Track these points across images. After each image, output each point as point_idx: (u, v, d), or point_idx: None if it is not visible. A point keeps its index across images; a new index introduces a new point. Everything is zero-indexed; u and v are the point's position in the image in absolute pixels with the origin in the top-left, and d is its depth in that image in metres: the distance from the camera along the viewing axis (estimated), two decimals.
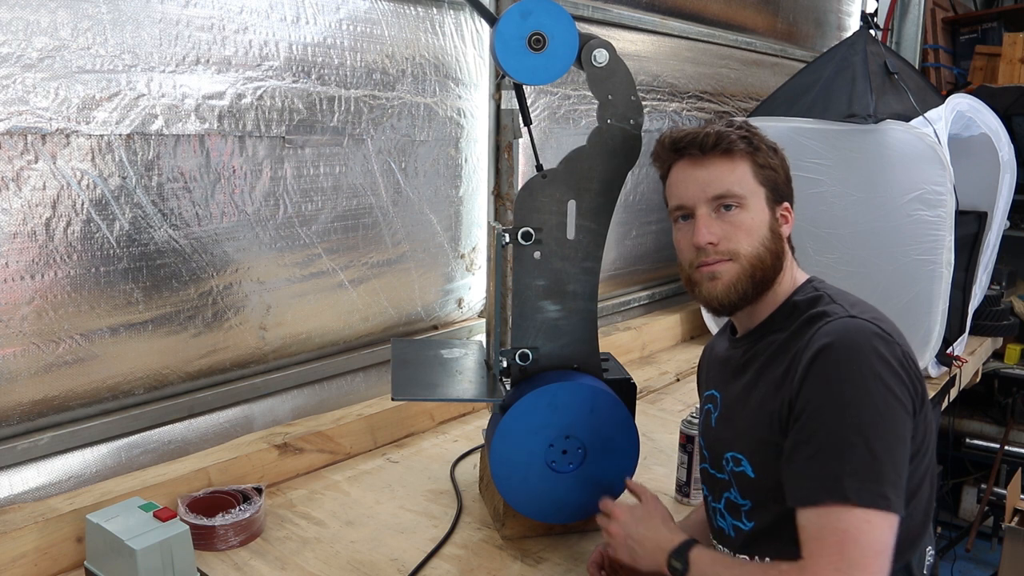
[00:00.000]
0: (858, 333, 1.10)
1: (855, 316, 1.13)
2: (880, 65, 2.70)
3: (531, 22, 1.39)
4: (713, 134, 1.22)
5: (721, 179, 1.21)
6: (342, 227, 2.01)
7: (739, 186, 1.21)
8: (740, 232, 1.20)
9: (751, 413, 1.21)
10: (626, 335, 2.80)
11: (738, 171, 1.21)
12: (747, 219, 1.20)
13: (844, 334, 1.10)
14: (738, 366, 1.28)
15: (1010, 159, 2.92)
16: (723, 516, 1.28)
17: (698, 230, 1.21)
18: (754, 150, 1.22)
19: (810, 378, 1.09)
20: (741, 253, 1.20)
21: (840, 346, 1.09)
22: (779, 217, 1.24)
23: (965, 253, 2.69)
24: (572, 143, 1.50)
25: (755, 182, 1.22)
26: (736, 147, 1.21)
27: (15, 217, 1.48)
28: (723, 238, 1.20)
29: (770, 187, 1.23)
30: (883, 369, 1.06)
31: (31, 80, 1.46)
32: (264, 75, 1.80)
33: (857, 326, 1.11)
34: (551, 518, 1.56)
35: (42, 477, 1.58)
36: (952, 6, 4.73)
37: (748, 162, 1.22)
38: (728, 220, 1.21)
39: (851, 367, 1.07)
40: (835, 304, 1.18)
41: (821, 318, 1.15)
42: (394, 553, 1.54)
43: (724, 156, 1.22)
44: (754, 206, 1.21)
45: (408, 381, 1.62)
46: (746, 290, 1.21)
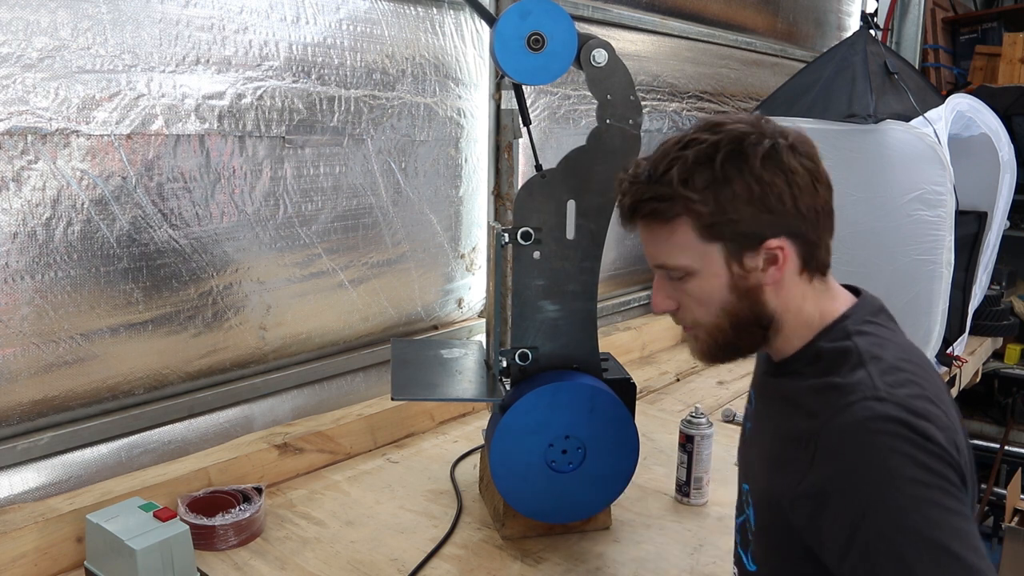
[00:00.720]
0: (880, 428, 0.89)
1: (881, 397, 0.91)
2: (880, 65, 2.70)
3: (530, 22, 1.39)
4: (628, 202, 1.03)
5: (654, 249, 1.04)
6: (342, 227, 2.01)
7: (678, 256, 1.01)
8: (692, 301, 1.04)
9: (763, 461, 1.08)
10: (626, 335, 2.80)
11: (676, 235, 1.00)
12: (695, 288, 1.03)
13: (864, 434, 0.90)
14: (766, 389, 1.15)
15: (1010, 159, 2.92)
16: (738, 532, 1.19)
17: (652, 298, 1.09)
18: (688, 208, 0.98)
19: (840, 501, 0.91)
20: (700, 322, 1.06)
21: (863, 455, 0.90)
22: (751, 268, 1.00)
23: (965, 253, 2.69)
24: (572, 143, 1.50)
25: (702, 242, 1.00)
26: (661, 214, 1.00)
27: (15, 217, 1.48)
28: (681, 306, 1.06)
29: (729, 237, 0.99)
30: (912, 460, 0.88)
31: (31, 80, 1.46)
32: (264, 75, 1.80)
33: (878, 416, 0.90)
34: (551, 518, 1.56)
35: (42, 477, 1.58)
36: (952, 6, 4.73)
37: (687, 223, 0.99)
38: (680, 288, 1.04)
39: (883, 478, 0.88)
40: (863, 370, 0.96)
41: (838, 394, 0.95)
42: (394, 553, 1.54)
43: (654, 221, 1.02)
44: (705, 270, 1.01)
45: (408, 381, 1.62)
46: (718, 355, 1.08)
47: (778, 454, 1.02)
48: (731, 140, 0.98)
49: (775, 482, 1.01)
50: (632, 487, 1.60)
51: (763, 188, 0.97)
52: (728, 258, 1.00)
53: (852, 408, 0.92)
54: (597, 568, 1.50)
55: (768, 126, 1.01)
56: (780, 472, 1.01)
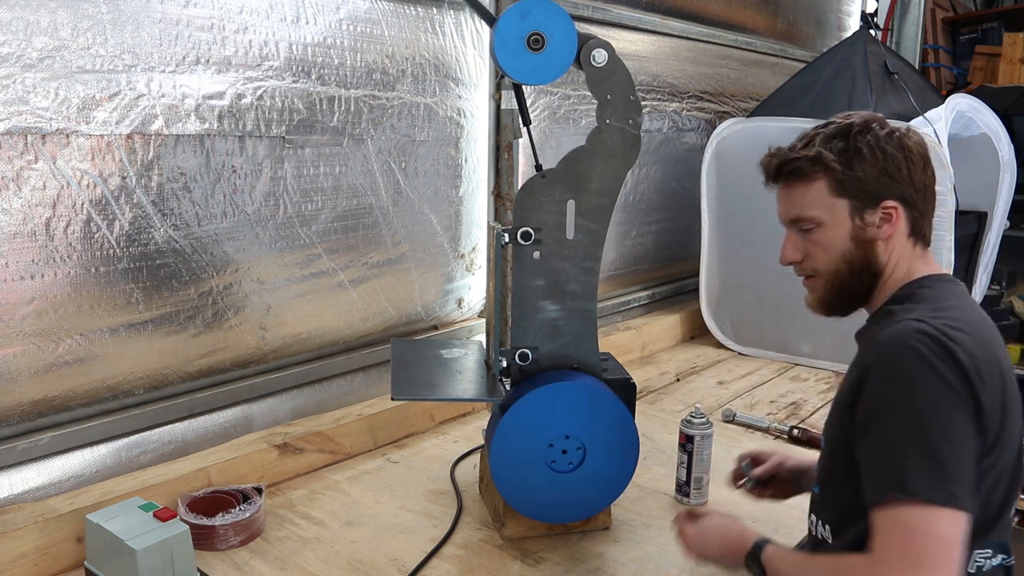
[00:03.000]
0: (903, 335, 1.10)
1: (920, 318, 1.12)
2: (880, 65, 2.70)
3: (530, 22, 1.39)
4: (776, 163, 1.27)
5: (793, 203, 1.27)
6: (342, 227, 2.01)
7: (811, 208, 1.24)
8: (817, 250, 1.26)
9: (834, 401, 1.25)
10: (626, 335, 2.80)
11: (812, 191, 1.24)
12: (822, 237, 1.25)
13: (889, 339, 1.11)
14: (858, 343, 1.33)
15: (1010, 159, 2.92)
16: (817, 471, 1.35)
17: (782, 250, 1.30)
18: (826, 167, 1.22)
19: (864, 387, 1.12)
20: (820, 270, 1.27)
21: (884, 350, 1.11)
22: (870, 222, 1.23)
23: (965, 253, 2.69)
24: (572, 143, 1.50)
25: (833, 196, 1.23)
26: (805, 169, 1.24)
27: (15, 217, 1.48)
28: (805, 256, 1.28)
29: (855, 194, 1.22)
30: (927, 368, 1.06)
31: (31, 80, 1.46)
32: (264, 75, 1.80)
33: (907, 329, 1.11)
34: (551, 518, 1.56)
35: (42, 477, 1.58)
36: (952, 6, 4.73)
37: (823, 179, 1.23)
38: (808, 239, 1.26)
39: (894, 370, 1.09)
40: (917, 306, 1.18)
41: (889, 319, 1.17)
42: (394, 553, 1.54)
43: (797, 179, 1.25)
44: (832, 222, 1.24)
45: (408, 381, 1.62)
46: (832, 302, 1.28)
47: (845, 390, 1.19)
48: (862, 122, 1.24)
49: (840, 405, 1.19)
50: (632, 487, 1.60)
51: (885, 157, 1.22)
52: (852, 212, 1.23)
53: (896, 325, 1.13)
54: (597, 568, 1.50)
55: (891, 121, 1.26)
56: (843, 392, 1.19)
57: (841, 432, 1.18)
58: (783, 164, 1.26)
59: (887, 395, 1.09)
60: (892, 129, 1.23)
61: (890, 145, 1.22)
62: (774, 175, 1.28)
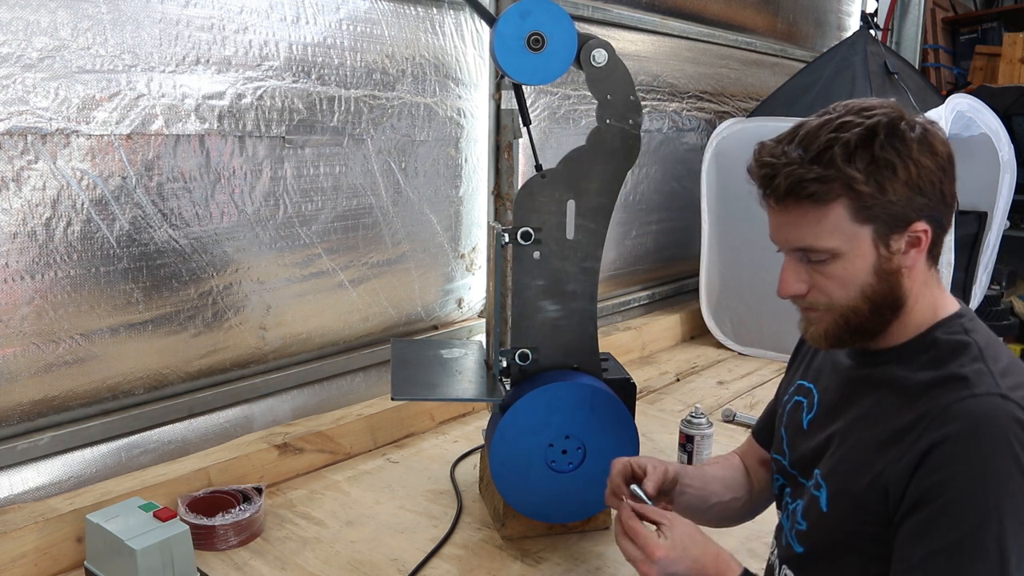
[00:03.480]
0: (994, 418, 0.93)
1: (1005, 395, 0.94)
2: (880, 65, 2.70)
3: (530, 22, 1.39)
4: (784, 181, 0.99)
5: (801, 232, 1.02)
6: (342, 227, 2.01)
7: (827, 238, 1.00)
8: (831, 284, 1.03)
9: (850, 450, 1.07)
10: (626, 335, 2.80)
11: (829, 218, 0.99)
12: (840, 270, 1.02)
13: (984, 423, 0.93)
14: (848, 381, 1.13)
15: (1010, 159, 2.92)
16: (788, 518, 1.19)
17: (781, 280, 1.06)
18: (850, 188, 0.97)
19: (938, 462, 0.94)
20: (834, 304, 1.04)
21: (969, 433, 0.93)
22: (895, 250, 1.01)
23: (965, 253, 2.69)
24: (572, 143, 1.50)
25: (854, 224, 0.99)
26: (820, 196, 0.98)
27: (15, 217, 1.48)
28: (813, 288, 1.04)
29: (881, 220, 0.99)
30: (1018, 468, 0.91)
31: (31, 80, 1.46)
32: (264, 75, 1.80)
33: (1003, 413, 0.93)
34: (551, 518, 1.56)
35: (42, 477, 1.58)
36: (952, 6, 4.73)
37: (843, 205, 0.98)
38: (818, 270, 1.03)
39: (981, 462, 0.92)
40: (983, 366, 0.98)
41: (962, 385, 0.97)
42: (394, 553, 1.54)
43: (808, 203, 0.99)
44: (852, 252, 1.01)
45: (408, 381, 1.62)
46: (843, 338, 1.07)
47: (876, 440, 1.02)
48: (887, 125, 0.98)
49: (869, 466, 1.02)
50: None
51: (919, 170, 0.98)
52: (876, 240, 1.00)
53: (978, 399, 0.95)
54: (597, 568, 1.50)
55: (908, 113, 1.02)
56: (876, 457, 1.01)
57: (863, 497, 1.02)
58: (795, 185, 0.99)
59: (968, 488, 0.91)
60: (922, 130, 1.00)
61: (923, 154, 0.98)
62: (781, 196, 1.01)
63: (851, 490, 1.04)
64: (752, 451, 1.38)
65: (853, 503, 1.04)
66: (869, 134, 0.98)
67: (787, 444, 1.22)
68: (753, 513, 1.37)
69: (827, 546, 1.10)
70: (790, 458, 1.21)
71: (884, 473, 0.99)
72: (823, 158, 0.98)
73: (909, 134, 0.98)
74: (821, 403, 1.17)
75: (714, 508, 1.31)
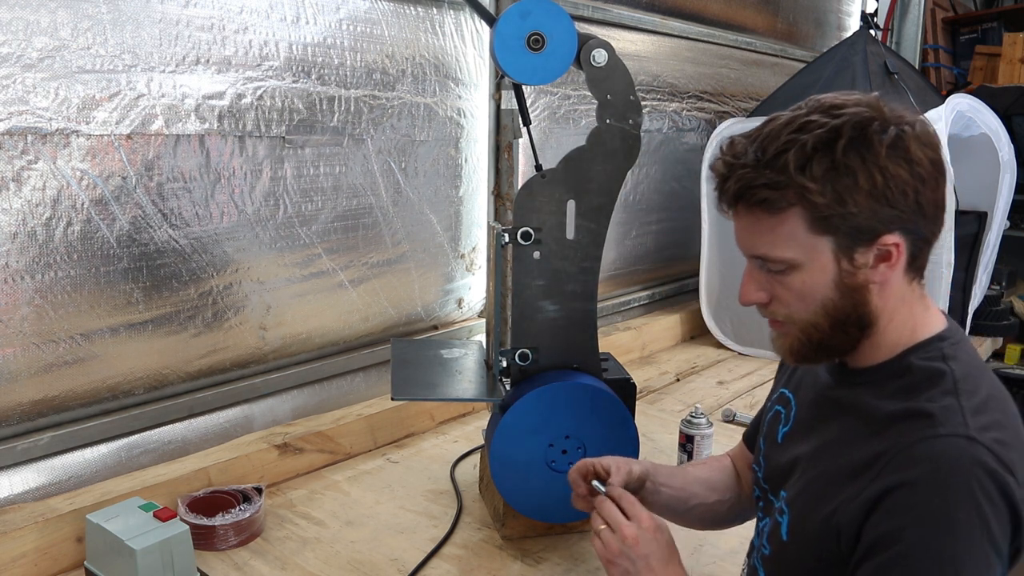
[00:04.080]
0: (966, 470, 0.86)
1: (972, 437, 0.87)
2: (880, 65, 2.70)
3: (530, 22, 1.39)
4: (735, 185, 0.94)
5: (756, 240, 0.96)
6: (342, 227, 2.01)
7: (783, 248, 0.94)
8: (790, 295, 0.97)
9: (812, 478, 1.02)
10: (626, 335, 2.80)
11: (784, 227, 0.92)
12: (797, 282, 0.95)
13: (946, 469, 0.86)
14: (822, 398, 1.08)
15: (1010, 159, 2.92)
16: (758, 536, 1.15)
17: (742, 287, 1.01)
18: (803, 197, 0.90)
19: (894, 508, 0.88)
20: (794, 319, 0.98)
21: (928, 476, 0.86)
22: (861, 264, 0.93)
23: (965, 253, 2.69)
24: (572, 143, 1.50)
25: (811, 234, 0.92)
26: (771, 203, 0.91)
27: (15, 217, 1.48)
28: (773, 298, 0.99)
29: (842, 232, 0.91)
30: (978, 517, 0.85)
31: (31, 80, 1.46)
32: (264, 75, 1.80)
33: (968, 458, 0.86)
34: (551, 518, 1.56)
35: (42, 477, 1.58)
36: (952, 6, 4.73)
37: (798, 215, 0.91)
38: (778, 280, 0.97)
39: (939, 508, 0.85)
40: (955, 400, 0.90)
41: (927, 423, 0.89)
42: (394, 553, 1.54)
43: (760, 210, 0.93)
44: (810, 264, 0.94)
45: (408, 381, 1.62)
46: (808, 355, 1.01)
47: (837, 473, 0.97)
48: (854, 126, 0.90)
49: (827, 500, 0.96)
50: None
51: (886, 180, 0.89)
52: (838, 252, 0.93)
53: (943, 440, 0.88)
54: (597, 568, 1.50)
55: (890, 111, 0.93)
56: (835, 492, 0.96)
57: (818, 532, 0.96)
58: (744, 191, 0.93)
59: (923, 539, 0.85)
60: (896, 133, 0.90)
61: (893, 160, 0.89)
62: (731, 202, 0.96)
63: (808, 524, 0.99)
64: (742, 454, 1.35)
65: (808, 538, 0.99)
66: (831, 137, 0.90)
67: (763, 455, 1.18)
68: (742, 517, 1.34)
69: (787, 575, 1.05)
70: (764, 471, 1.17)
71: (838, 511, 0.93)
72: (777, 163, 0.91)
73: (878, 138, 0.89)
74: (797, 417, 1.12)
75: (695, 510, 1.27)
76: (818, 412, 1.08)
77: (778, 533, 1.05)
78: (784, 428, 1.14)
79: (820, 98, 0.95)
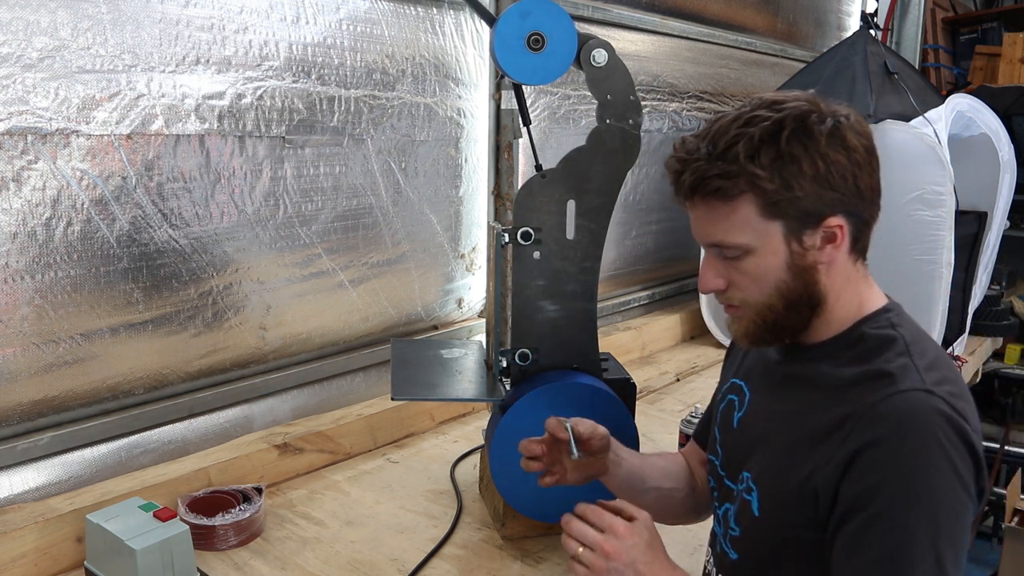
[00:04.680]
0: (919, 415, 0.92)
1: (930, 390, 0.94)
2: (880, 65, 2.70)
3: (530, 22, 1.39)
4: (690, 180, 1.00)
5: (711, 228, 1.02)
6: (342, 227, 2.01)
7: (737, 234, 1.00)
8: (746, 280, 1.03)
9: (779, 450, 1.06)
10: (626, 335, 2.80)
11: (738, 214, 0.99)
12: (752, 266, 1.01)
13: (909, 421, 0.92)
14: (777, 377, 1.12)
15: (1010, 159, 2.92)
16: (719, 524, 1.19)
17: (700, 276, 1.07)
18: (754, 184, 0.97)
19: (867, 467, 0.93)
20: (749, 302, 1.04)
21: (895, 431, 0.92)
22: (809, 246, 1.00)
23: (965, 253, 2.69)
24: (572, 143, 1.49)
25: (763, 219, 0.99)
26: (724, 191, 0.98)
27: (15, 217, 1.48)
28: (730, 284, 1.04)
29: (790, 216, 0.99)
30: (946, 463, 0.91)
31: (31, 80, 1.46)
32: (264, 75, 1.80)
33: (927, 408, 0.93)
34: (551, 518, 1.56)
35: (42, 477, 1.58)
36: (952, 6, 4.73)
37: (752, 197, 0.98)
38: (734, 267, 1.03)
39: (910, 460, 0.91)
40: (908, 360, 0.98)
41: (887, 382, 0.96)
42: (394, 553, 1.54)
43: (714, 199, 1.00)
44: (763, 248, 1.00)
45: (408, 381, 1.62)
46: (763, 336, 1.06)
47: (804, 439, 1.01)
48: (795, 118, 0.98)
49: (798, 467, 1.00)
50: None
51: (827, 165, 0.97)
52: (788, 236, 1.00)
53: (903, 395, 0.94)
54: None
55: (826, 104, 1.01)
56: (805, 457, 1.00)
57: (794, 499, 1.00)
58: (699, 182, 1.00)
59: (899, 490, 0.91)
60: (833, 123, 0.98)
61: (832, 147, 0.97)
62: (688, 194, 1.02)
63: (782, 493, 1.02)
64: (693, 452, 1.39)
65: (784, 506, 1.02)
66: (776, 128, 0.97)
67: (720, 444, 1.21)
68: (696, 512, 1.36)
69: (762, 551, 1.08)
70: (722, 459, 1.20)
71: (813, 475, 0.98)
72: (728, 155, 0.98)
73: (818, 128, 0.97)
74: (752, 401, 1.16)
75: (651, 492, 1.30)
76: (772, 390, 1.13)
77: (748, 511, 1.08)
78: (739, 414, 1.18)
79: (762, 96, 1.04)
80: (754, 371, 1.20)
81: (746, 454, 1.12)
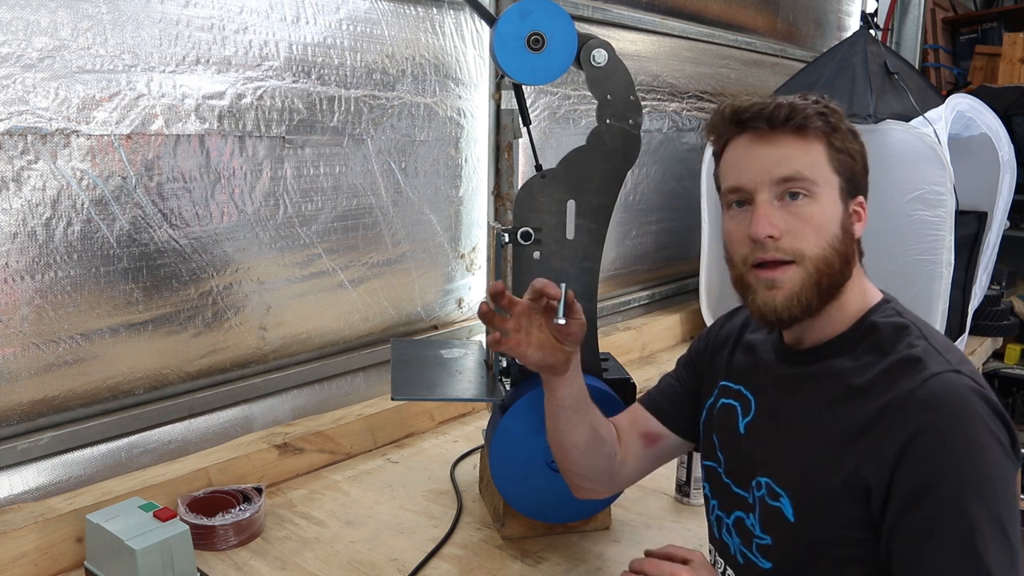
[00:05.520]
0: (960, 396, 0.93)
1: (958, 370, 0.95)
2: (880, 65, 2.70)
3: (530, 22, 1.39)
4: (786, 106, 1.02)
5: (791, 159, 1.01)
6: (342, 227, 2.01)
7: (811, 170, 1.01)
8: (807, 227, 1.00)
9: (809, 451, 1.03)
10: (626, 335, 2.80)
11: (812, 153, 1.01)
12: (816, 212, 1.00)
13: (953, 403, 0.93)
14: (788, 381, 1.10)
15: (1010, 159, 2.92)
16: (730, 534, 1.16)
17: (757, 219, 1.01)
18: (832, 130, 1.02)
19: (920, 456, 0.92)
20: (807, 254, 1.00)
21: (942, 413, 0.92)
22: (852, 213, 1.04)
23: (965, 253, 2.69)
24: (572, 143, 1.49)
25: (829, 169, 1.02)
26: (812, 124, 1.01)
27: (15, 217, 1.48)
28: (786, 232, 1.00)
29: (846, 176, 1.03)
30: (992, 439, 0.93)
31: (31, 80, 1.46)
32: (264, 75, 1.80)
33: (964, 388, 0.94)
34: (551, 518, 1.56)
35: (42, 477, 1.58)
36: (952, 6, 4.73)
37: (823, 144, 1.02)
38: (793, 211, 1.01)
39: (971, 445, 0.92)
40: (928, 344, 0.99)
41: (917, 367, 0.96)
42: (394, 553, 1.54)
43: (796, 134, 1.02)
44: (826, 197, 1.01)
45: (408, 381, 1.62)
46: (810, 301, 1.02)
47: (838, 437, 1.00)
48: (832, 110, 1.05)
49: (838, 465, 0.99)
50: (632, 487, 1.59)
51: (861, 149, 1.06)
52: (844, 194, 1.04)
53: (938, 378, 0.95)
54: (597, 568, 1.50)
55: None
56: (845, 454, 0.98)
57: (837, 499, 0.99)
58: (794, 110, 1.01)
59: (956, 475, 0.91)
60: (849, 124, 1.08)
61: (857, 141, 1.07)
62: (783, 119, 1.02)
63: (822, 494, 1.00)
64: (637, 421, 1.34)
65: (824, 508, 1.00)
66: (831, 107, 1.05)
67: (721, 450, 1.18)
68: (610, 485, 1.34)
69: (803, 556, 1.05)
70: (725, 465, 1.17)
71: (860, 470, 0.96)
72: (816, 104, 1.04)
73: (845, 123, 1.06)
74: (760, 405, 1.13)
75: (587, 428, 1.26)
76: (785, 393, 1.10)
77: (780, 518, 1.05)
78: (746, 419, 1.15)
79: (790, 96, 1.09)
80: (751, 374, 1.17)
81: (760, 460, 1.10)
